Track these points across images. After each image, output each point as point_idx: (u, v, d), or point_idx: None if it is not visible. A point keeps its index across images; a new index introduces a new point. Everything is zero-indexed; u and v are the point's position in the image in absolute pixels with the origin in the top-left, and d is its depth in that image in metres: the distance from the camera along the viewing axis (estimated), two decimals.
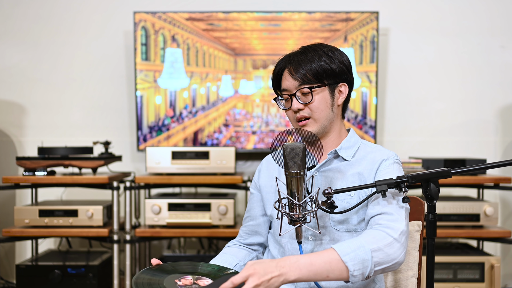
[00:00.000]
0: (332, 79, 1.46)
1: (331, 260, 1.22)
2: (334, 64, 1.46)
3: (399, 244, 1.29)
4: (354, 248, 1.24)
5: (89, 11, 3.37)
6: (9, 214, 3.23)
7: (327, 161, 1.49)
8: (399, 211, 1.35)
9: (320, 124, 1.47)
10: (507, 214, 3.34)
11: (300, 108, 1.46)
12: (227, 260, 1.55)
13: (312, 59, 1.45)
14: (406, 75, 3.36)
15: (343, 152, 1.49)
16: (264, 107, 3.25)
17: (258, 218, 1.62)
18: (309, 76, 1.44)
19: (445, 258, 2.74)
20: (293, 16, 3.18)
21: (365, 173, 1.45)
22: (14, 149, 3.38)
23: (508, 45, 3.33)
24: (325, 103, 1.46)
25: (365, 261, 1.23)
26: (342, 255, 1.22)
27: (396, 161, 1.47)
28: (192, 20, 3.19)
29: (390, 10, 3.32)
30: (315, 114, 1.46)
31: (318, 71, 1.44)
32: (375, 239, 1.27)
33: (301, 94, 1.46)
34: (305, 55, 1.46)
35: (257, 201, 1.63)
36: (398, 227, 1.31)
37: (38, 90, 3.37)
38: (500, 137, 3.35)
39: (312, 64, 1.44)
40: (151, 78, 3.19)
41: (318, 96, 1.45)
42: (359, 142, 1.53)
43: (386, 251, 1.26)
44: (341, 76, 1.48)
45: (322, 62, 1.44)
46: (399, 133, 3.37)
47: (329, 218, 1.44)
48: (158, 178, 2.83)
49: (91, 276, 2.76)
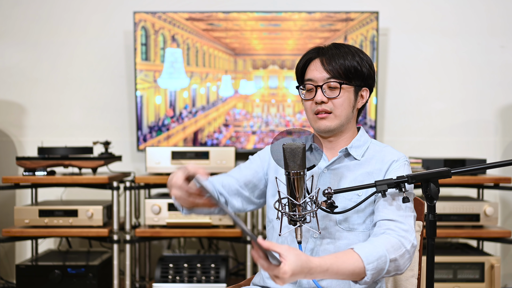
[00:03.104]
0: (360, 81, 1.48)
1: (355, 268, 1.23)
2: (364, 67, 1.47)
3: (408, 256, 1.31)
4: (377, 257, 1.25)
5: (88, 11, 3.37)
6: (9, 214, 3.23)
7: (337, 159, 1.49)
8: (409, 221, 1.36)
9: (340, 121, 1.47)
10: (507, 214, 3.34)
11: (324, 101, 1.45)
12: None
13: (346, 56, 1.45)
14: (406, 75, 3.36)
15: (353, 150, 1.49)
16: (264, 107, 3.25)
17: (244, 190, 1.55)
18: (340, 72, 1.44)
19: (445, 258, 2.74)
20: (293, 16, 3.18)
21: (374, 173, 1.46)
22: (14, 149, 3.38)
23: (508, 45, 3.33)
24: (349, 102, 1.47)
25: (381, 271, 1.25)
26: (366, 263, 1.23)
27: (406, 162, 1.47)
28: (192, 20, 3.19)
29: (390, 10, 3.32)
30: (338, 110, 1.46)
31: (349, 69, 1.45)
32: (393, 248, 1.28)
33: (328, 88, 1.46)
34: (339, 49, 1.47)
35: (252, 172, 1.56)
36: (410, 239, 1.32)
37: (38, 90, 3.37)
38: (500, 137, 3.35)
39: (345, 60, 1.45)
40: (151, 78, 3.19)
41: (345, 93, 1.46)
42: (369, 141, 1.53)
43: (399, 261, 1.29)
44: (367, 80, 1.50)
45: (354, 61, 1.45)
46: (399, 133, 3.37)
47: (332, 218, 1.44)
48: (158, 178, 2.83)
49: (91, 276, 2.76)
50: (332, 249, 1.43)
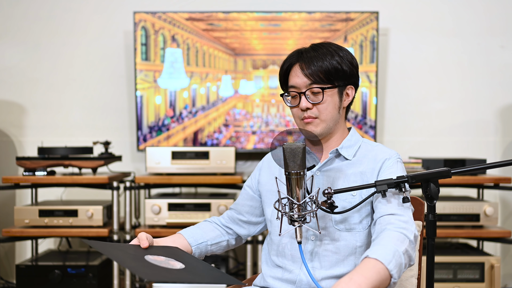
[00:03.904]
0: (342, 81, 1.46)
1: (379, 270, 1.19)
2: (345, 65, 1.45)
3: (413, 246, 1.30)
4: (392, 254, 1.22)
5: (89, 11, 3.37)
6: (9, 214, 3.23)
7: (328, 161, 1.49)
8: (408, 213, 1.36)
9: (326, 125, 1.47)
10: (507, 214, 3.34)
11: (309, 107, 1.44)
12: (194, 235, 1.57)
13: (324, 57, 1.43)
14: (406, 75, 3.36)
15: (344, 151, 1.49)
16: (264, 107, 3.25)
17: (245, 216, 1.64)
18: (320, 75, 1.43)
19: (445, 258, 2.74)
20: (293, 16, 3.18)
21: (367, 173, 1.45)
22: (14, 149, 3.38)
23: (508, 45, 3.33)
24: (334, 105, 1.46)
25: (401, 265, 1.24)
26: (387, 263, 1.20)
27: (399, 160, 1.47)
28: (192, 20, 3.19)
29: (390, 10, 3.32)
30: (323, 115, 1.45)
31: (329, 71, 1.43)
32: (400, 241, 1.27)
33: (311, 94, 1.45)
34: (316, 51, 1.45)
35: (247, 199, 1.64)
36: (412, 229, 1.32)
37: (38, 90, 3.38)
38: (500, 137, 3.35)
39: (324, 62, 1.43)
40: (151, 78, 3.19)
41: (328, 97, 1.45)
42: (360, 141, 1.53)
43: (410, 252, 1.28)
44: (350, 79, 1.48)
45: (334, 61, 1.43)
46: (399, 133, 3.37)
47: (330, 218, 1.44)
48: (158, 178, 2.83)
49: (91, 276, 2.76)
50: (331, 248, 1.43)
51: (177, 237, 1.55)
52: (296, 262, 1.47)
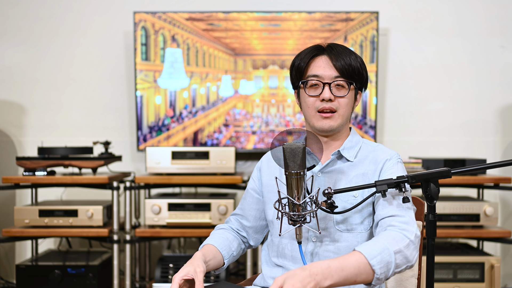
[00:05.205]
0: (359, 83, 1.50)
1: (359, 264, 1.20)
2: (364, 70, 1.49)
3: (414, 246, 1.29)
4: (379, 251, 1.23)
5: (89, 11, 3.37)
6: (9, 214, 3.23)
7: (330, 162, 1.49)
8: (409, 213, 1.35)
9: (342, 121, 1.48)
10: (507, 214, 3.34)
11: (331, 99, 1.45)
12: (225, 248, 1.55)
13: (350, 55, 1.46)
14: (406, 75, 3.36)
15: (346, 152, 1.49)
16: (264, 107, 3.25)
17: (251, 221, 1.63)
18: (348, 71, 1.45)
19: (445, 258, 2.74)
20: (293, 16, 3.18)
21: (369, 174, 1.46)
22: (14, 149, 3.38)
23: (508, 45, 3.33)
24: (351, 103, 1.50)
25: (389, 264, 1.23)
26: (370, 258, 1.21)
27: (399, 160, 1.48)
28: (192, 20, 3.19)
29: (389, 10, 3.32)
30: (342, 109, 1.47)
31: (355, 69, 1.45)
32: (395, 241, 1.27)
33: (335, 86, 1.46)
34: (343, 49, 1.47)
35: (254, 202, 1.63)
36: (412, 230, 1.31)
37: (38, 90, 3.38)
38: (500, 137, 3.35)
39: (351, 60, 1.45)
40: (151, 78, 3.19)
41: (350, 94, 1.48)
42: (361, 141, 1.53)
43: (405, 252, 1.27)
44: (364, 84, 1.52)
45: (357, 63, 1.46)
46: (399, 133, 3.37)
47: (331, 219, 1.44)
48: (158, 178, 2.83)
49: (91, 276, 2.76)
50: (332, 249, 1.43)
51: (215, 252, 1.52)
52: (296, 263, 1.46)
